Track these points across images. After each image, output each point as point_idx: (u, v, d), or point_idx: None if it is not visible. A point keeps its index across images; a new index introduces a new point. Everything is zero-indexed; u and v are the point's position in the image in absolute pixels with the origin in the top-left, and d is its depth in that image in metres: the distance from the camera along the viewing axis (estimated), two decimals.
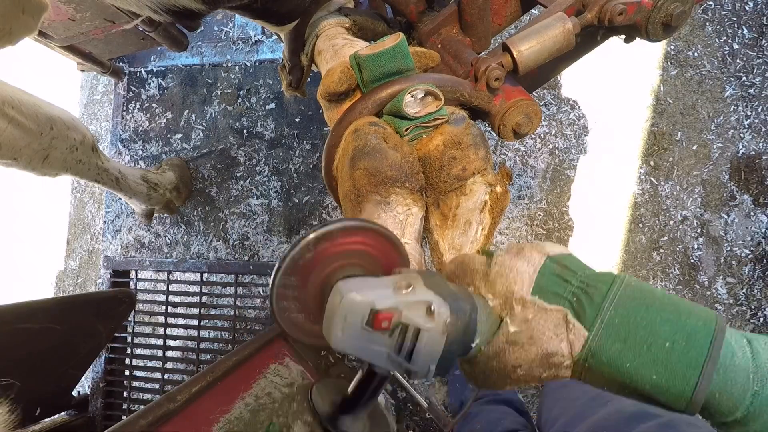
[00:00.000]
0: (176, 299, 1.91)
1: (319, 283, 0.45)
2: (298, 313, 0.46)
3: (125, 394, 1.87)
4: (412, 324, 0.39)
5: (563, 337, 0.38)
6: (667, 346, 0.35)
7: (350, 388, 0.48)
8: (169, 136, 2.01)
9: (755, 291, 1.56)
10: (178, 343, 1.89)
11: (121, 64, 2.05)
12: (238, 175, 1.92)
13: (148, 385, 1.87)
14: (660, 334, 0.35)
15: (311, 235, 0.42)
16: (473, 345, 0.42)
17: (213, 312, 1.88)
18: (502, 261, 0.43)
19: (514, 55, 0.63)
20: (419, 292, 0.41)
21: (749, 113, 1.62)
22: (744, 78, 1.64)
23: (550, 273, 0.41)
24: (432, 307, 0.39)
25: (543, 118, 1.73)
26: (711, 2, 1.68)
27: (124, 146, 2.05)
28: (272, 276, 0.42)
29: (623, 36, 0.72)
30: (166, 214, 1.95)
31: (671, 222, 1.62)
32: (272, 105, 1.92)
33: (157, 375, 1.86)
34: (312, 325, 0.47)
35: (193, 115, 1.99)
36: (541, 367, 0.39)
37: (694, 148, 1.64)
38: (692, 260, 1.60)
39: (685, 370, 0.34)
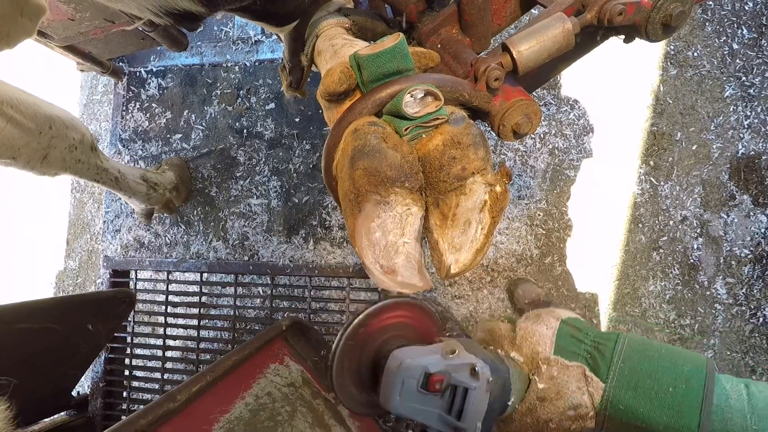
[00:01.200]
0: (176, 299, 1.91)
1: (372, 356, 0.50)
2: (353, 387, 0.50)
3: (125, 394, 1.87)
4: (461, 384, 0.45)
5: (584, 390, 0.43)
6: (671, 391, 0.41)
7: None
8: (168, 135, 2.00)
9: (755, 291, 1.56)
10: (177, 343, 1.89)
11: (120, 64, 2.05)
12: (237, 175, 1.92)
13: (148, 385, 1.87)
14: (663, 381, 0.41)
15: (360, 316, 0.48)
16: (509, 403, 0.46)
17: (213, 312, 1.88)
18: (525, 327, 0.49)
19: (514, 55, 0.63)
20: (463, 356, 0.46)
21: (749, 113, 1.62)
22: (744, 78, 1.64)
23: (566, 334, 0.47)
24: (476, 368, 0.44)
25: (543, 118, 1.73)
26: (711, 2, 1.68)
27: (123, 146, 2.05)
28: (331, 356, 0.47)
29: (623, 36, 0.72)
30: (165, 214, 1.95)
31: (671, 222, 1.62)
32: (272, 105, 1.92)
33: (157, 375, 1.86)
34: (363, 395, 0.52)
35: (193, 115, 1.99)
36: (569, 419, 0.44)
37: (694, 148, 1.64)
38: (692, 260, 1.60)
39: (688, 410, 0.39)
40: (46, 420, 1.30)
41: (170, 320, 1.90)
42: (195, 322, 1.87)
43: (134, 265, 1.95)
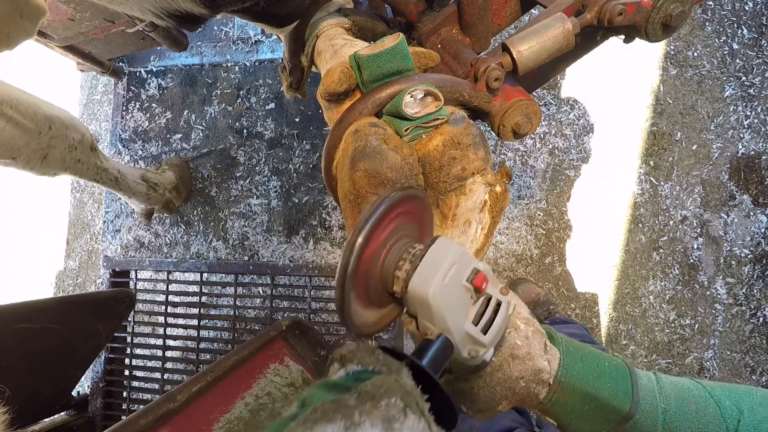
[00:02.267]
0: (176, 299, 1.91)
1: (378, 269, 0.45)
2: (361, 311, 0.46)
3: (125, 394, 1.87)
4: (495, 296, 0.43)
5: (545, 357, 0.47)
6: (607, 365, 0.48)
7: (417, 346, 0.47)
8: (168, 136, 2.00)
9: (755, 291, 1.56)
10: (177, 343, 1.89)
11: (120, 64, 2.05)
12: (237, 175, 1.92)
13: (148, 385, 1.87)
14: (599, 358, 0.49)
15: (360, 239, 0.42)
16: (498, 349, 0.46)
17: (213, 312, 1.88)
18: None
19: (514, 56, 0.63)
20: (494, 275, 0.45)
21: (749, 113, 1.62)
22: (744, 78, 1.64)
23: (530, 313, 0.51)
24: (507, 288, 0.44)
25: (543, 118, 1.73)
26: (711, 2, 1.68)
27: (123, 146, 2.05)
28: (340, 279, 0.42)
29: (623, 36, 0.72)
30: (165, 214, 1.95)
31: (671, 222, 1.62)
32: (272, 105, 1.92)
33: (157, 375, 1.86)
34: (373, 314, 0.47)
35: (193, 115, 1.99)
36: (534, 381, 0.46)
37: (694, 148, 1.64)
38: (692, 260, 1.60)
39: (623, 378, 0.47)
40: (46, 420, 1.30)
41: (170, 320, 1.90)
42: (195, 322, 1.87)
43: (134, 265, 1.95)
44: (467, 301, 0.43)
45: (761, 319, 1.55)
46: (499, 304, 0.43)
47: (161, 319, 1.90)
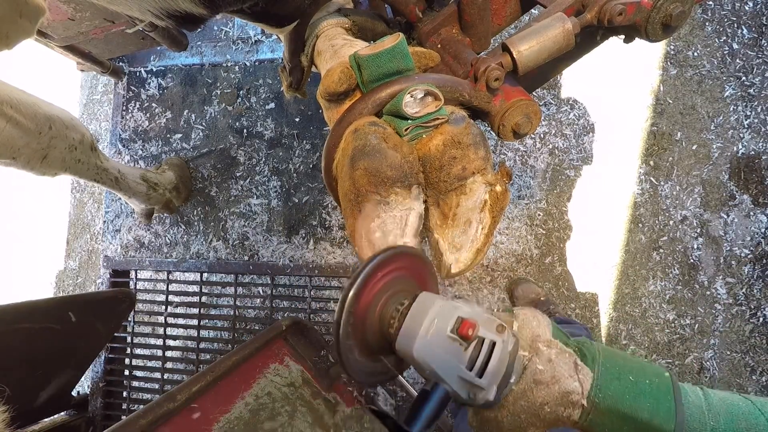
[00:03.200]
0: (176, 299, 1.91)
1: (377, 319, 0.47)
2: (362, 359, 0.48)
3: (125, 394, 1.87)
4: (488, 338, 0.43)
5: (575, 378, 0.45)
6: (648, 383, 0.45)
7: (413, 403, 0.48)
8: (168, 135, 2.00)
9: (755, 291, 1.56)
10: (177, 343, 1.89)
11: (120, 63, 2.05)
12: (237, 175, 1.92)
13: (148, 385, 1.87)
14: (639, 374, 0.46)
15: (353, 290, 0.44)
16: (511, 380, 0.45)
17: (213, 312, 1.88)
18: (525, 313, 0.50)
19: (514, 56, 0.63)
20: (488, 312, 0.45)
21: (749, 113, 1.62)
22: (743, 78, 1.64)
23: (557, 329, 0.49)
24: (503, 325, 0.44)
25: (543, 118, 1.73)
26: (711, 2, 1.68)
27: (123, 146, 2.05)
28: (335, 332, 0.44)
29: (623, 36, 0.72)
30: (165, 214, 1.95)
31: (671, 222, 1.62)
32: (272, 105, 1.92)
33: (157, 375, 1.86)
34: (372, 364, 0.49)
35: (193, 115, 1.99)
36: (562, 405, 0.45)
37: (694, 148, 1.64)
38: (692, 260, 1.60)
39: (665, 396, 0.44)
40: (46, 420, 1.30)
41: (170, 320, 1.90)
42: (195, 322, 1.87)
43: (134, 265, 1.95)
44: (457, 350, 0.43)
45: (761, 318, 1.55)
46: (494, 344, 0.43)
47: (161, 319, 1.90)
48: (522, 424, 0.46)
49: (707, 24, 1.68)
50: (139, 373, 1.88)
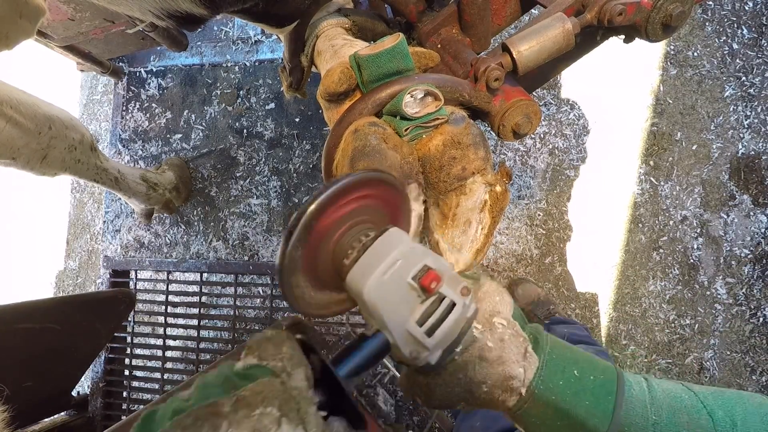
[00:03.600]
0: (176, 299, 1.91)
1: (330, 250, 0.42)
2: (307, 286, 0.42)
3: (125, 394, 1.87)
4: (449, 297, 0.39)
5: (521, 364, 0.43)
6: (592, 379, 0.44)
7: (345, 346, 0.42)
8: (168, 136, 2.01)
9: (755, 291, 1.56)
10: (177, 343, 1.89)
11: (120, 64, 2.05)
12: (237, 175, 1.92)
13: (148, 385, 1.87)
14: (585, 370, 0.45)
15: (309, 210, 0.38)
16: (457, 349, 0.41)
17: (213, 312, 1.88)
18: (489, 285, 0.47)
19: (514, 56, 0.63)
20: (454, 273, 0.41)
21: (749, 113, 1.62)
22: (743, 78, 1.64)
23: (517, 311, 0.47)
24: (468, 288, 0.40)
25: (543, 118, 1.73)
26: (711, 2, 1.68)
27: (123, 146, 2.05)
28: (280, 252, 0.39)
29: (623, 36, 0.72)
30: (165, 214, 1.95)
31: (671, 222, 1.63)
32: (272, 105, 1.92)
33: (157, 375, 1.86)
34: (320, 294, 0.44)
35: (193, 115, 1.99)
36: (500, 388, 0.43)
37: (694, 148, 1.64)
38: (692, 260, 1.60)
39: (606, 396, 0.43)
40: (46, 420, 1.30)
41: (170, 320, 1.90)
42: (195, 322, 1.87)
43: (134, 265, 1.95)
44: (412, 300, 0.39)
45: (761, 319, 1.55)
46: (453, 305, 0.39)
47: (161, 319, 1.90)
48: (453, 397, 0.43)
49: (707, 24, 1.68)
50: (139, 373, 1.88)
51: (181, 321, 1.90)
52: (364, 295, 0.38)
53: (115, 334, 1.87)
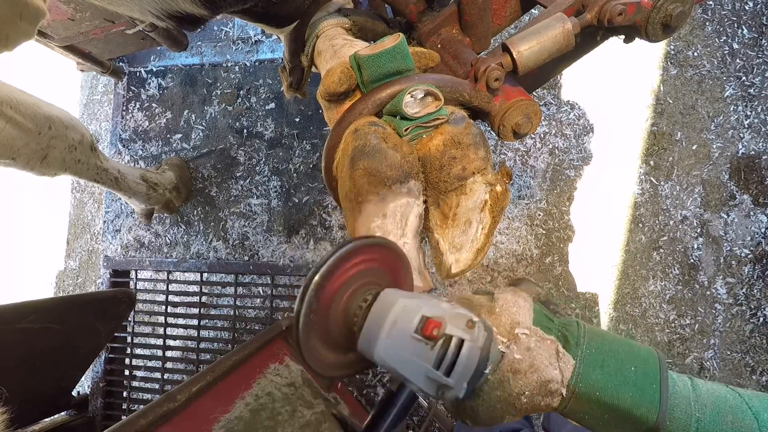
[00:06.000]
0: (176, 299, 1.91)
1: (342, 311, 0.45)
2: (322, 348, 0.45)
3: (125, 394, 1.87)
4: (456, 335, 0.40)
5: (556, 366, 0.43)
6: (633, 370, 0.43)
7: (376, 408, 0.46)
8: (168, 135, 2.00)
9: (755, 291, 1.56)
10: (177, 343, 1.89)
11: (120, 63, 2.05)
12: (237, 175, 1.92)
13: (148, 385, 1.87)
14: (625, 360, 0.44)
15: (316, 278, 0.42)
16: (486, 371, 0.43)
17: (213, 312, 1.88)
18: (504, 297, 0.48)
19: (514, 56, 0.63)
20: (457, 307, 0.43)
21: (749, 113, 1.62)
22: (744, 78, 1.64)
23: (539, 312, 0.47)
24: (473, 320, 0.41)
25: (543, 118, 1.73)
26: (711, 2, 1.68)
27: (123, 146, 2.05)
28: (296, 317, 0.42)
29: (623, 36, 0.72)
30: (165, 214, 1.95)
31: (671, 222, 1.62)
32: (272, 105, 1.92)
33: (157, 375, 1.86)
34: (336, 356, 0.47)
35: (193, 115, 1.99)
36: (540, 394, 0.43)
37: (694, 148, 1.64)
38: (692, 260, 1.60)
39: (649, 388, 0.42)
40: (46, 420, 1.30)
41: (170, 320, 1.90)
42: (195, 322, 1.87)
43: (134, 265, 1.95)
44: (422, 349, 0.41)
45: (761, 318, 1.55)
46: (462, 342, 0.41)
47: (161, 319, 1.90)
48: (497, 413, 0.44)
49: (707, 24, 1.68)
50: (139, 373, 1.88)
51: (181, 321, 1.90)
52: (377, 361, 0.41)
53: (115, 334, 1.87)
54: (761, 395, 0.44)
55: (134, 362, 1.90)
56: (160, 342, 1.89)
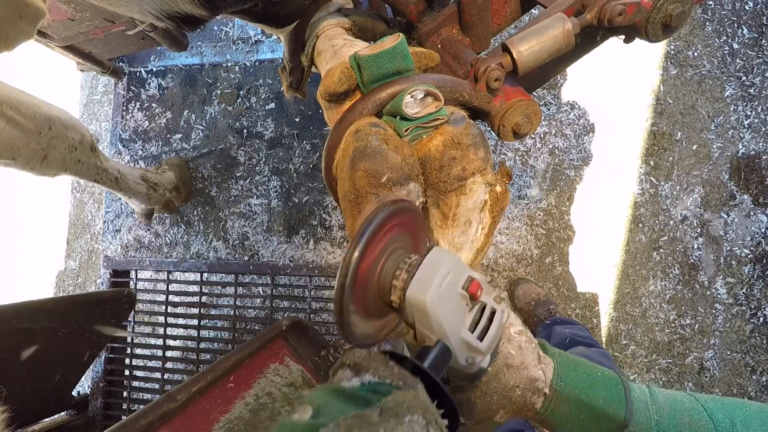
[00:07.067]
0: (176, 299, 1.91)
1: (375, 281, 0.45)
2: (359, 321, 0.45)
3: (125, 394, 1.87)
4: (489, 304, 0.44)
5: (539, 367, 0.47)
6: (600, 374, 0.49)
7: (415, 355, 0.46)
8: (168, 135, 2.00)
9: (755, 291, 1.56)
10: (178, 343, 1.89)
11: (120, 63, 2.05)
12: (237, 175, 1.92)
13: (148, 385, 1.87)
14: (590, 366, 0.50)
15: (356, 253, 0.42)
16: (494, 357, 0.46)
17: (213, 312, 1.88)
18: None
19: (514, 56, 0.63)
20: (487, 283, 0.45)
21: (749, 113, 1.62)
22: (744, 78, 1.64)
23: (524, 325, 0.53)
24: (501, 296, 0.45)
25: (543, 118, 1.73)
26: (711, 2, 1.68)
27: (123, 146, 2.05)
28: (337, 297, 0.42)
29: (623, 36, 0.72)
30: (165, 214, 1.95)
31: (671, 222, 1.62)
32: (272, 105, 1.92)
33: (157, 375, 1.86)
34: (368, 324, 0.47)
35: (193, 115, 1.99)
36: (530, 390, 0.47)
37: (694, 147, 1.64)
38: (692, 260, 1.60)
39: (615, 386, 0.48)
40: (46, 420, 1.30)
41: (170, 320, 1.90)
42: (195, 322, 1.87)
43: (134, 265, 1.95)
44: (463, 309, 0.43)
45: (761, 318, 1.55)
46: (493, 312, 0.44)
47: (161, 319, 1.90)
48: (493, 405, 0.47)
49: (707, 24, 1.68)
50: (139, 373, 1.88)
51: (181, 321, 1.90)
52: (428, 306, 0.42)
53: (116, 334, 1.87)
54: (717, 398, 0.48)
55: (134, 362, 1.90)
56: (160, 342, 1.89)
